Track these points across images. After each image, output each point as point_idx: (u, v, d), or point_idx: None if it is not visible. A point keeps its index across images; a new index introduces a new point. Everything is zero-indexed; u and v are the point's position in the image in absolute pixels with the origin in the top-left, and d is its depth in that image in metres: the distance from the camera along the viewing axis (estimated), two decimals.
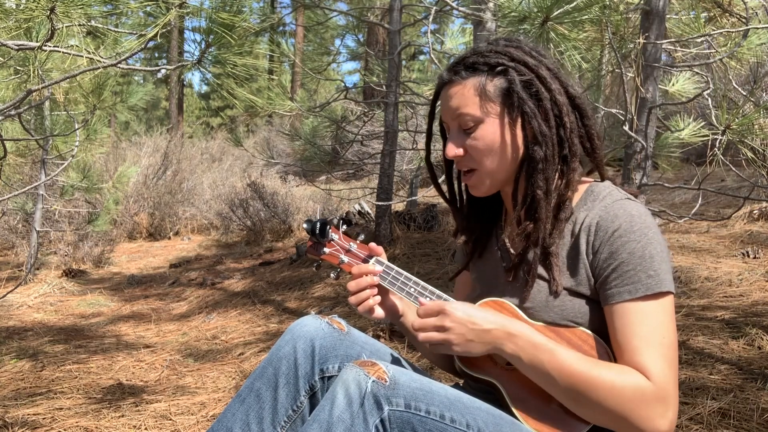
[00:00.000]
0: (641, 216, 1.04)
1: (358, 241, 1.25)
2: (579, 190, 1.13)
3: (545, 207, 1.08)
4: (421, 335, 1.07)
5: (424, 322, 1.07)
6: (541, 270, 1.10)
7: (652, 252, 1.01)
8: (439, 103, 1.18)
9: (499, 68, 1.09)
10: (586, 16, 2.40)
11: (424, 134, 1.27)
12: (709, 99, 2.85)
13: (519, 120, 1.09)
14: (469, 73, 1.10)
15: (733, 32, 2.81)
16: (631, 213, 1.04)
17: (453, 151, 1.12)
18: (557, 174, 1.10)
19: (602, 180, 1.16)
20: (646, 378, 0.97)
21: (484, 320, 1.04)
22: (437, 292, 1.17)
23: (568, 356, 1.00)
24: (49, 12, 1.35)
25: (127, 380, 2.76)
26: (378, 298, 1.20)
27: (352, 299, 1.19)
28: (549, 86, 1.09)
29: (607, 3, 2.47)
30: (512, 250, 1.19)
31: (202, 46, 1.62)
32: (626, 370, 0.99)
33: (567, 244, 1.09)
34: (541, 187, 1.08)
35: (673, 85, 3.21)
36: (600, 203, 1.08)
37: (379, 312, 1.22)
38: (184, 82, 25.33)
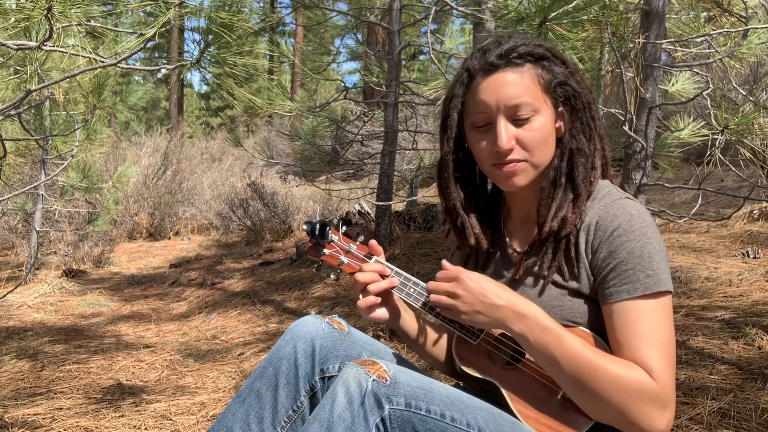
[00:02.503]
0: (640, 215, 1.04)
1: (357, 242, 1.25)
2: None
3: (584, 197, 1.09)
4: (432, 296, 1.08)
5: (438, 285, 1.07)
6: (544, 269, 1.10)
7: (651, 251, 1.01)
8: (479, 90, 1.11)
9: (546, 61, 1.09)
10: (585, 17, 2.40)
11: (425, 134, 1.25)
12: (708, 99, 2.85)
13: (563, 113, 1.10)
14: (524, 61, 1.08)
15: (733, 32, 2.81)
16: (630, 212, 1.04)
17: (510, 142, 1.07)
18: (593, 168, 1.12)
19: (604, 178, 1.16)
20: (648, 374, 0.97)
21: (496, 295, 1.03)
22: None
23: (575, 342, 1.00)
24: (46, 12, 1.35)
25: (127, 380, 2.76)
26: (378, 298, 1.19)
27: (359, 287, 1.17)
28: (582, 84, 1.11)
29: (607, 3, 2.47)
30: (516, 251, 1.19)
31: (201, 45, 1.62)
32: (630, 364, 0.99)
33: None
34: (583, 179, 1.09)
35: (673, 85, 3.21)
36: (599, 202, 1.08)
37: (380, 312, 1.21)
38: (184, 82, 25.33)
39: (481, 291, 1.04)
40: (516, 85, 1.06)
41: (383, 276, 1.19)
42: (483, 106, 1.09)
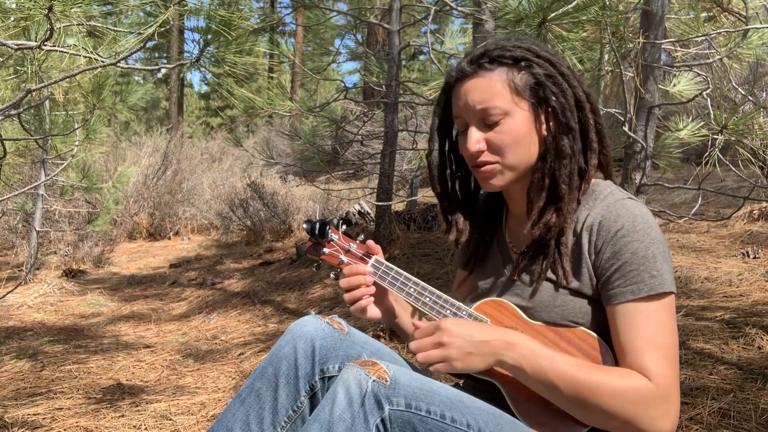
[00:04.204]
0: (644, 216, 1.04)
1: (357, 242, 1.25)
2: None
3: (568, 201, 1.08)
4: (420, 356, 1.05)
5: (421, 342, 1.06)
6: (540, 269, 1.10)
7: (654, 252, 1.01)
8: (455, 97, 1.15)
9: (524, 63, 1.08)
10: (585, 17, 2.40)
11: (425, 134, 1.27)
12: (708, 99, 2.84)
13: (543, 115, 1.09)
14: (495, 65, 1.09)
15: (733, 32, 2.80)
16: (634, 213, 1.04)
17: (476, 145, 1.10)
18: (581, 170, 1.10)
19: (605, 178, 1.16)
20: (648, 380, 0.97)
21: (481, 332, 1.03)
22: (437, 292, 1.17)
23: (569, 363, 1.00)
24: (47, 11, 1.35)
25: (127, 380, 2.76)
26: (371, 299, 1.20)
27: (346, 296, 1.20)
28: (571, 83, 1.10)
29: (607, 3, 2.47)
30: (515, 249, 1.19)
31: (201, 44, 1.62)
32: (628, 373, 0.98)
33: (569, 243, 1.09)
34: (566, 181, 1.08)
35: (674, 85, 3.21)
36: (602, 202, 1.08)
37: (374, 312, 1.22)
38: (184, 82, 25.34)
39: (467, 332, 1.03)
40: (483, 89, 1.08)
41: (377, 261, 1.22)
42: (459, 111, 1.13)
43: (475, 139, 1.10)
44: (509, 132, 1.08)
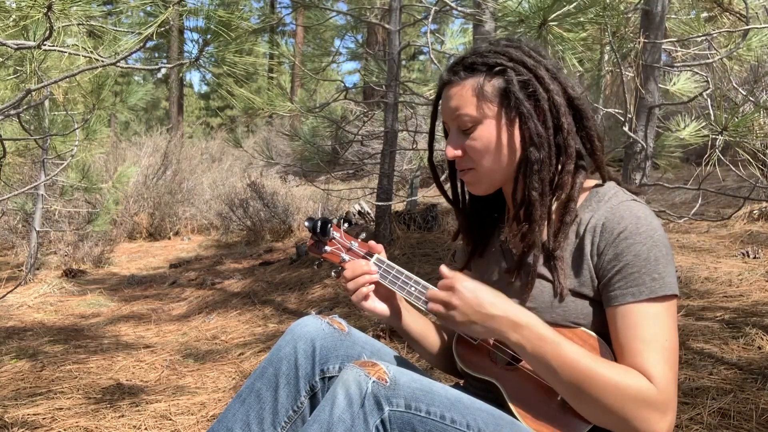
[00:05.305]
0: (647, 218, 1.03)
1: (359, 240, 1.25)
2: (583, 191, 1.12)
3: (540, 208, 1.08)
4: (429, 305, 1.08)
5: (435, 294, 1.08)
6: (544, 271, 1.09)
7: (657, 255, 1.00)
8: (440, 103, 1.18)
9: (498, 68, 1.09)
10: (585, 18, 2.40)
11: (425, 134, 1.27)
12: (708, 99, 2.84)
13: (516, 121, 1.09)
14: (468, 73, 1.10)
15: (733, 32, 2.80)
16: (637, 215, 1.03)
17: (452, 152, 1.13)
18: (554, 176, 1.10)
19: (603, 181, 1.15)
20: (648, 380, 0.97)
21: (492, 305, 1.02)
22: None
23: (573, 351, 1.00)
24: (46, 10, 1.35)
25: (126, 380, 2.76)
26: (372, 287, 1.20)
27: (350, 285, 1.19)
28: (547, 87, 1.08)
29: (607, 3, 2.47)
30: (514, 250, 1.19)
31: (200, 44, 1.61)
32: (630, 370, 0.98)
33: (571, 245, 1.08)
34: (536, 188, 1.08)
35: (674, 84, 3.20)
36: (605, 204, 1.07)
37: (376, 304, 1.22)
38: (184, 82, 25.35)
39: (477, 301, 1.03)
40: (456, 97, 1.11)
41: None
42: (443, 116, 1.16)
43: (451, 145, 1.13)
44: (480, 139, 1.10)
